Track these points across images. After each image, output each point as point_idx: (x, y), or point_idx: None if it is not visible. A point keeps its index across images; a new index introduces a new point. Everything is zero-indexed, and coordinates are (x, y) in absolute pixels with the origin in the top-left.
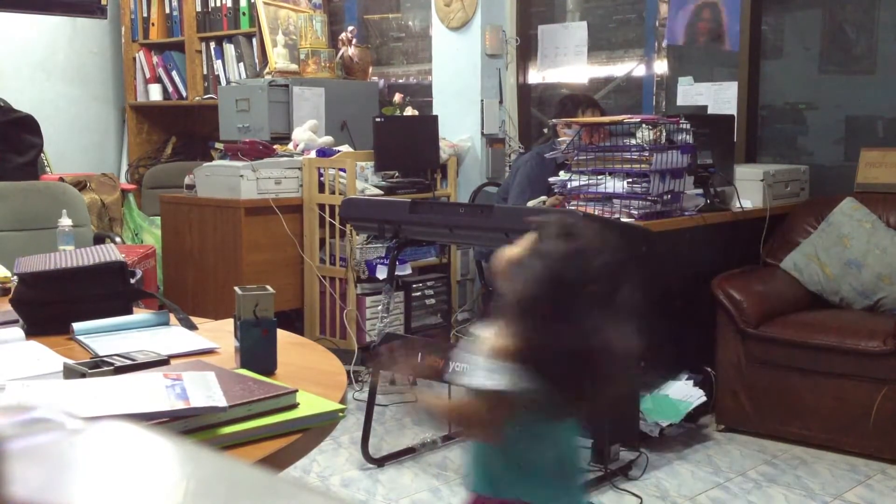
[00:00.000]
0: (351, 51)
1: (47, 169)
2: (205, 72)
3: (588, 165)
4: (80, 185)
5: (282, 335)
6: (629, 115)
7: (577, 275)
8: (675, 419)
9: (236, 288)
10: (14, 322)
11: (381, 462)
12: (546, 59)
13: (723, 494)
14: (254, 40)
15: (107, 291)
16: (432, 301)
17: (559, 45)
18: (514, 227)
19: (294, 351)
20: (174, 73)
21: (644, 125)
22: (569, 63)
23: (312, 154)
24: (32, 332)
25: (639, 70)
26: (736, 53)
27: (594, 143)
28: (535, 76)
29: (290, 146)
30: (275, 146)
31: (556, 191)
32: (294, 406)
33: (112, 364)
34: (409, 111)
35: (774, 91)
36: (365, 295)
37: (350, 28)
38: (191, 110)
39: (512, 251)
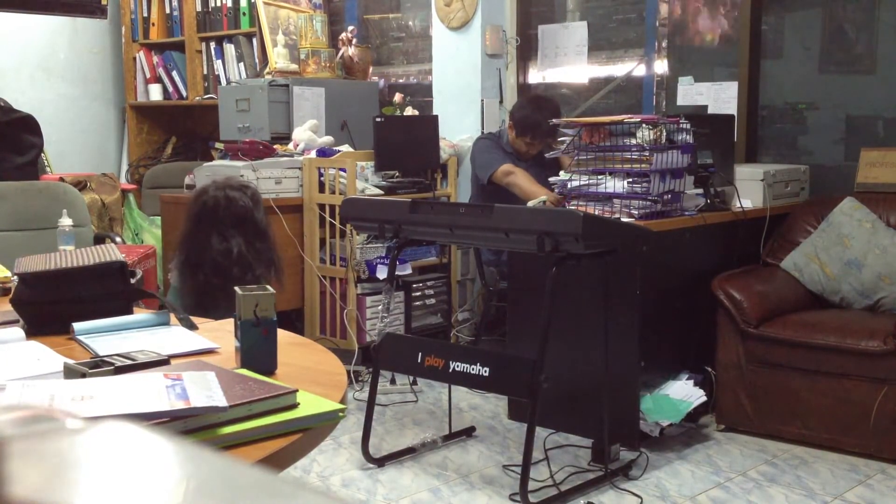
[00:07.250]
0: (351, 51)
1: (47, 169)
2: (205, 72)
3: (588, 165)
4: (80, 185)
5: (282, 335)
6: (629, 115)
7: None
8: (675, 419)
9: (236, 288)
10: (14, 322)
11: (381, 462)
12: (546, 59)
13: (723, 494)
14: (254, 40)
15: (107, 291)
16: (432, 301)
17: (559, 45)
18: (514, 227)
19: (294, 351)
20: (174, 73)
21: (644, 125)
22: (569, 63)
23: (312, 154)
24: (32, 332)
25: (639, 70)
26: (736, 53)
27: (594, 142)
28: (535, 76)
29: (291, 146)
30: (275, 146)
31: (557, 191)
32: (294, 406)
33: (112, 364)
34: (409, 111)
35: (774, 91)
36: (365, 295)
37: (350, 28)
38: (191, 110)
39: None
